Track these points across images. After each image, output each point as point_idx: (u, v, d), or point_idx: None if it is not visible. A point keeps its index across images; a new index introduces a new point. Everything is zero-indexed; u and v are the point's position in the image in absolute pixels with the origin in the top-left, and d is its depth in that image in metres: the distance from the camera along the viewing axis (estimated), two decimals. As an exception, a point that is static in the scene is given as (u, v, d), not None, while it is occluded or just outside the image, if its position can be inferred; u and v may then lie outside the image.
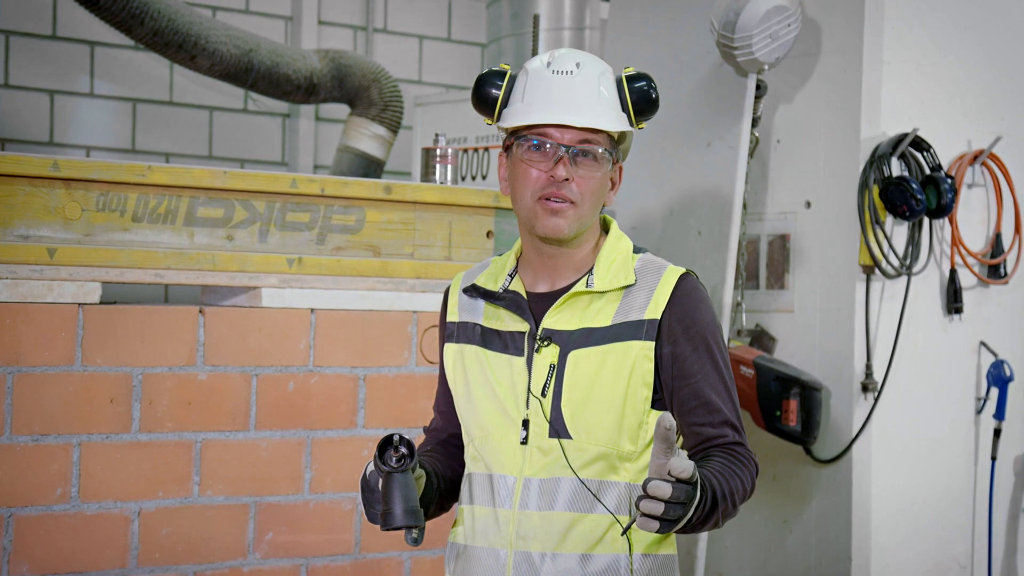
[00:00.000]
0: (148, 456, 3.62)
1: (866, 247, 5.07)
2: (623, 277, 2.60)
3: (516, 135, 2.60)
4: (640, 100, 2.62)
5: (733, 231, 4.71)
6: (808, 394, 4.96)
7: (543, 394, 2.57)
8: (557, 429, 2.56)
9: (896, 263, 5.13)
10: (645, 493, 2.31)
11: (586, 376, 2.56)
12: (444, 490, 2.72)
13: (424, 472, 2.63)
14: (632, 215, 5.14)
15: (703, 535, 4.61)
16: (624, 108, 2.61)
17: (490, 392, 2.62)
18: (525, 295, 2.64)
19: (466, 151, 6.32)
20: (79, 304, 3.54)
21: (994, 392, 5.37)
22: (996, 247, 5.44)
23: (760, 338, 5.30)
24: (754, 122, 4.80)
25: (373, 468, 2.54)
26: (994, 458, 5.37)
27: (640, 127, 2.65)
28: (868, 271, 5.09)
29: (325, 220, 3.91)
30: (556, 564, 2.55)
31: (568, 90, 2.57)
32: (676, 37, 5.11)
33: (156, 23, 5.92)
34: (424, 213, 4.05)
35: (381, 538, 3.90)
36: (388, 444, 2.48)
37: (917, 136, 5.13)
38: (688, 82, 5.01)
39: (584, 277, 2.61)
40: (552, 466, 2.56)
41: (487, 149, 6.23)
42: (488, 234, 4.13)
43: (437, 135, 4.45)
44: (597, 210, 2.61)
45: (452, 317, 2.73)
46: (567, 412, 2.56)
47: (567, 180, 2.55)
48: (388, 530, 2.49)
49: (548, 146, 2.56)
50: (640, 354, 2.55)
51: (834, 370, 5.13)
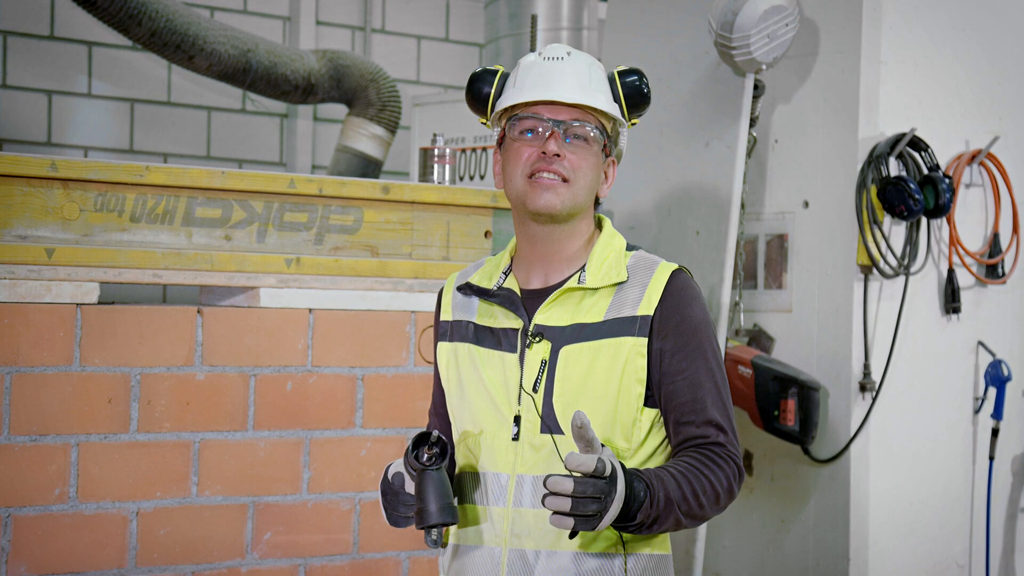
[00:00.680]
0: (146, 456, 3.62)
1: (864, 247, 5.07)
2: (615, 274, 2.60)
3: (508, 119, 2.61)
4: (632, 94, 2.63)
5: (731, 231, 4.72)
6: (806, 394, 4.96)
7: (534, 390, 2.57)
8: (549, 425, 2.56)
9: (894, 263, 5.13)
10: (546, 489, 2.32)
11: (578, 372, 2.56)
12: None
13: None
14: (630, 214, 5.14)
15: (701, 534, 4.61)
16: (616, 101, 2.62)
17: (482, 389, 2.62)
18: (519, 292, 2.64)
19: (464, 151, 6.33)
20: (77, 304, 3.54)
21: (992, 392, 5.37)
22: (994, 247, 5.44)
23: (758, 338, 5.30)
24: (752, 122, 4.80)
25: (397, 471, 2.54)
26: (992, 458, 5.37)
27: (632, 123, 2.66)
28: (866, 271, 5.10)
29: (323, 220, 3.91)
30: (550, 562, 2.55)
31: (560, 72, 2.60)
32: (674, 37, 5.11)
33: (154, 23, 5.92)
34: (422, 213, 4.05)
35: (379, 538, 3.90)
36: (421, 442, 2.48)
37: (915, 136, 5.13)
38: (686, 82, 5.01)
39: (576, 273, 2.61)
40: (544, 462, 2.55)
41: (485, 149, 6.23)
42: (486, 234, 4.13)
43: (435, 135, 4.45)
44: (590, 194, 2.61)
45: (446, 316, 2.74)
46: (559, 408, 2.56)
47: (558, 156, 2.56)
48: (423, 528, 2.48)
49: (540, 127, 2.58)
50: (633, 350, 2.55)
51: (832, 370, 5.13)
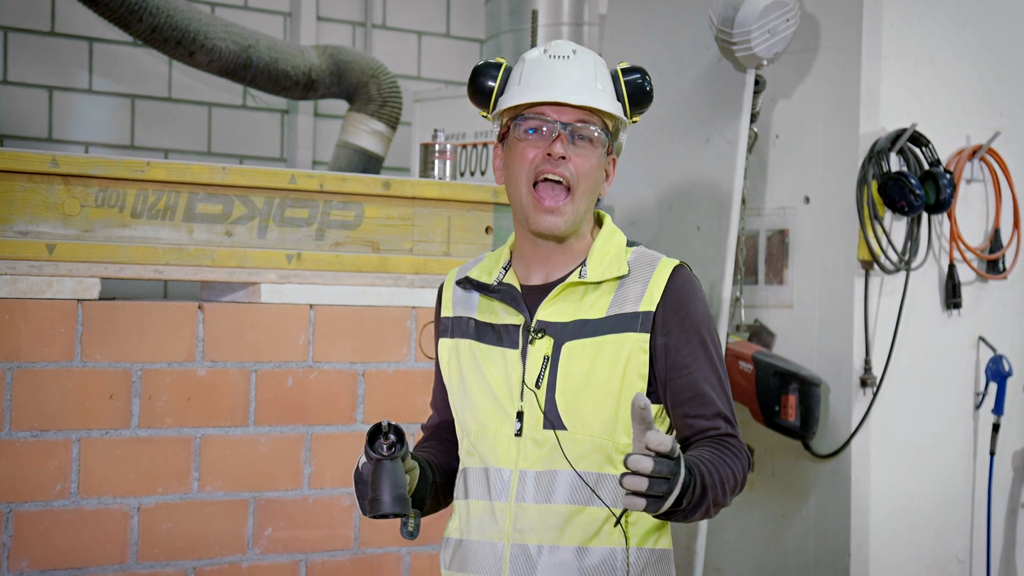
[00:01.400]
0: (147, 452, 3.62)
1: (865, 242, 5.07)
2: (616, 268, 2.60)
3: (512, 118, 2.60)
4: (635, 92, 2.62)
5: (732, 226, 4.71)
6: (807, 389, 4.96)
7: (537, 385, 2.57)
8: (552, 420, 2.56)
9: (895, 258, 5.13)
10: (627, 468, 2.30)
11: (580, 367, 2.56)
12: (440, 484, 2.72)
13: (417, 465, 2.63)
14: (631, 210, 5.14)
15: (702, 530, 4.62)
16: (619, 99, 2.62)
17: (484, 385, 2.62)
18: (519, 288, 2.64)
19: (465, 147, 6.32)
20: (78, 300, 3.54)
21: (993, 387, 5.37)
22: (995, 242, 5.44)
23: (759, 333, 5.30)
24: (753, 117, 4.80)
25: (365, 460, 2.55)
26: (993, 453, 5.37)
27: (633, 120, 2.65)
28: (867, 266, 5.10)
29: (324, 216, 3.91)
30: (553, 557, 2.55)
31: (566, 72, 2.58)
32: (675, 33, 5.11)
33: (155, 19, 5.92)
34: (423, 209, 4.05)
35: (380, 534, 3.90)
36: (378, 432, 2.48)
37: (916, 131, 5.13)
38: (687, 77, 5.01)
39: (577, 268, 2.61)
40: (547, 458, 2.56)
41: (486, 145, 6.23)
42: (487, 229, 4.13)
43: (436, 131, 4.45)
44: (592, 198, 2.61)
45: (447, 312, 2.73)
46: (561, 403, 2.56)
47: (564, 158, 2.55)
48: (375, 517, 2.49)
49: (545, 127, 2.57)
50: (635, 346, 2.56)
51: (833, 365, 5.13)
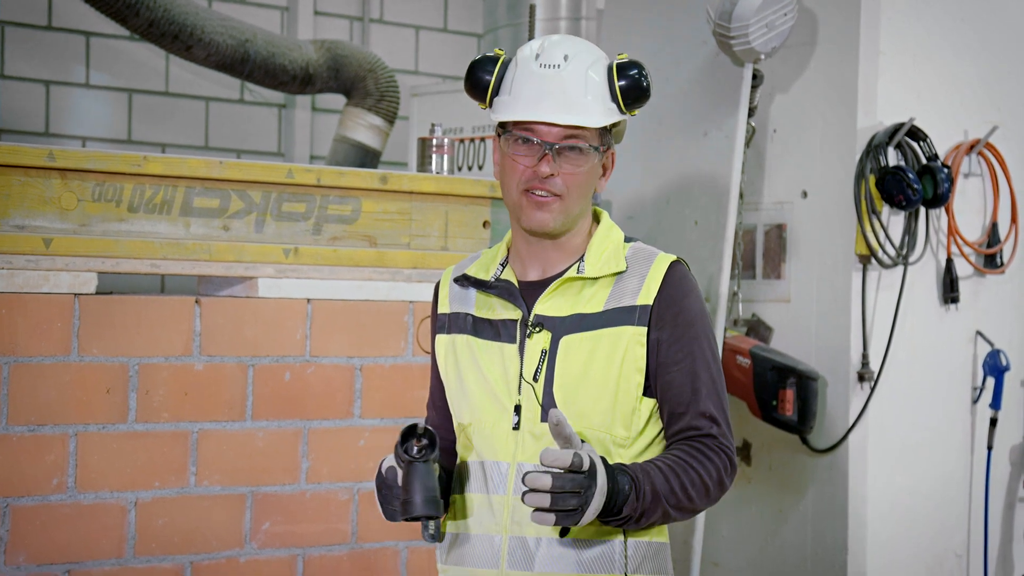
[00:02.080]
0: (144, 446, 3.61)
1: (862, 237, 5.07)
2: (614, 264, 2.60)
3: (504, 127, 2.61)
4: (630, 89, 2.61)
5: (730, 221, 4.71)
6: (804, 384, 4.96)
7: (535, 379, 2.57)
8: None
9: (892, 253, 5.13)
10: (524, 485, 2.34)
11: (578, 361, 2.56)
12: (449, 487, 2.72)
13: (440, 466, 2.63)
14: (628, 204, 5.14)
15: (699, 524, 4.61)
16: (614, 97, 2.61)
17: (482, 380, 2.62)
18: (516, 283, 2.64)
19: (462, 141, 6.32)
20: (75, 294, 3.53)
21: (990, 382, 5.38)
22: (992, 237, 5.45)
23: (756, 328, 5.30)
24: (750, 112, 4.80)
25: (390, 464, 2.54)
26: (990, 447, 5.37)
27: (632, 114, 2.64)
28: (864, 261, 5.10)
29: (321, 210, 3.90)
30: (551, 549, 2.55)
31: (554, 85, 2.56)
32: (672, 27, 5.11)
33: (151, 13, 5.91)
34: (420, 203, 4.04)
35: (378, 528, 3.90)
36: (410, 434, 2.47)
37: (913, 126, 5.13)
38: (684, 72, 5.00)
39: (575, 263, 2.62)
40: (546, 451, 2.56)
41: (483, 139, 6.22)
42: (484, 224, 4.13)
43: (433, 125, 4.45)
44: (585, 201, 2.61)
45: (443, 308, 2.74)
46: (559, 397, 2.56)
47: (551, 176, 2.55)
48: (408, 519, 2.48)
49: (534, 142, 2.56)
50: (632, 339, 2.56)
51: (830, 360, 5.14)
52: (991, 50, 5.47)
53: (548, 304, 2.60)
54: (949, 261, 5.30)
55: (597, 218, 2.70)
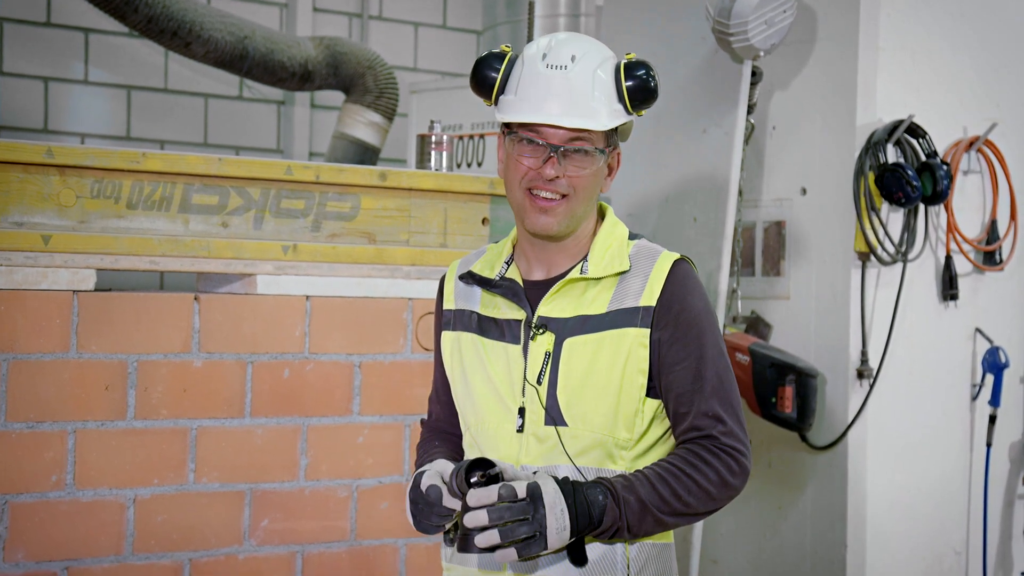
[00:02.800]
0: (143, 443, 3.61)
1: (862, 234, 5.07)
2: (618, 263, 2.59)
3: (508, 127, 2.59)
4: (637, 91, 2.59)
5: (729, 218, 4.71)
6: (803, 381, 4.96)
7: (539, 382, 2.56)
8: (553, 417, 2.55)
9: (892, 250, 5.13)
10: (466, 528, 2.37)
11: (581, 363, 2.55)
12: None
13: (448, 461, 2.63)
14: (628, 202, 5.14)
15: (697, 522, 4.61)
16: (621, 98, 2.59)
17: (486, 380, 2.62)
18: (521, 282, 2.63)
19: (461, 138, 6.32)
20: (74, 291, 3.53)
21: (989, 379, 5.38)
22: (991, 234, 5.44)
23: (756, 325, 5.30)
24: (750, 109, 4.79)
25: (432, 483, 2.50)
26: (989, 445, 5.37)
27: (639, 115, 2.63)
28: (864, 258, 5.10)
29: (320, 207, 3.90)
30: (554, 553, 2.54)
31: (561, 86, 2.53)
32: (671, 24, 5.10)
33: (150, 10, 5.91)
34: (419, 200, 4.04)
35: (377, 525, 3.90)
36: (476, 466, 2.44)
37: (913, 123, 5.13)
38: (683, 69, 5.00)
39: (579, 264, 2.60)
40: (548, 454, 2.55)
41: (482, 136, 6.22)
42: (484, 221, 4.12)
43: (432, 122, 4.44)
44: (590, 202, 2.59)
45: (448, 305, 2.73)
46: (563, 400, 2.55)
47: (557, 177, 2.54)
48: (464, 552, 2.45)
49: (539, 144, 2.54)
50: (635, 341, 2.55)
51: (829, 357, 5.14)
52: (990, 47, 5.47)
53: (551, 305, 2.59)
54: (948, 258, 5.30)
55: (602, 214, 2.69)
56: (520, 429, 2.58)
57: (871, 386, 5.09)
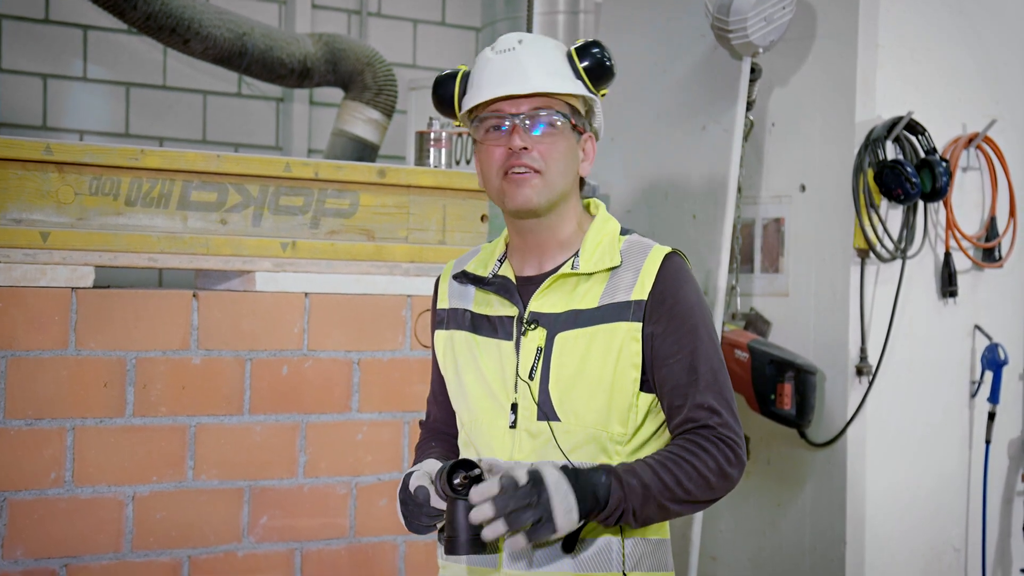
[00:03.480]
0: (142, 440, 3.61)
1: (861, 231, 5.07)
2: (609, 259, 2.59)
3: (473, 121, 2.60)
4: (593, 67, 2.59)
5: (728, 214, 4.71)
6: (803, 377, 4.96)
7: (531, 377, 2.56)
8: (546, 412, 2.55)
9: (891, 247, 5.13)
10: (473, 522, 2.36)
11: (573, 358, 2.55)
12: None
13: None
14: (627, 198, 5.14)
15: (698, 518, 4.61)
16: (578, 77, 2.59)
17: (479, 377, 2.62)
18: (514, 279, 2.64)
19: (460, 135, 6.30)
20: (72, 288, 3.53)
21: (988, 376, 5.38)
22: (991, 230, 5.44)
23: (755, 322, 5.30)
24: (749, 105, 4.80)
25: (421, 484, 2.50)
26: (988, 442, 5.37)
27: (602, 94, 2.63)
28: (863, 255, 5.10)
29: (319, 204, 3.90)
30: (549, 549, 2.54)
31: (513, 63, 2.56)
32: (671, 21, 5.10)
33: (149, 6, 5.90)
34: (418, 197, 4.04)
35: (376, 522, 3.90)
36: (459, 467, 2.44)
37: (912, 119, 5.12)
38: (683, 65, 5.00)
39: (570, 259, 2.61)
40: (542, 449, 2.55)
41: (481, 133, 6.21)
42: (483, 218, 4.12)
43: (431, 119, 4.44)
44: (568, 178, 2.59)
45: (443, 304, 2.74)
46: (555, 395, 2.55)
47: (525, 149, 2.54)
48: (451, 555, 2.45)
49: (503, 125, 2.55)
50: (627, 335, 2.54)
51: (829, 354, 5.14)
52: (990, 43, 5.47)
53: (543, 300, 2.59)
54: (947, 255, 5.30)
55: (594, 210, 2.69)
56: (513, 425, 2.58)
57: (870, 383, 5.09)
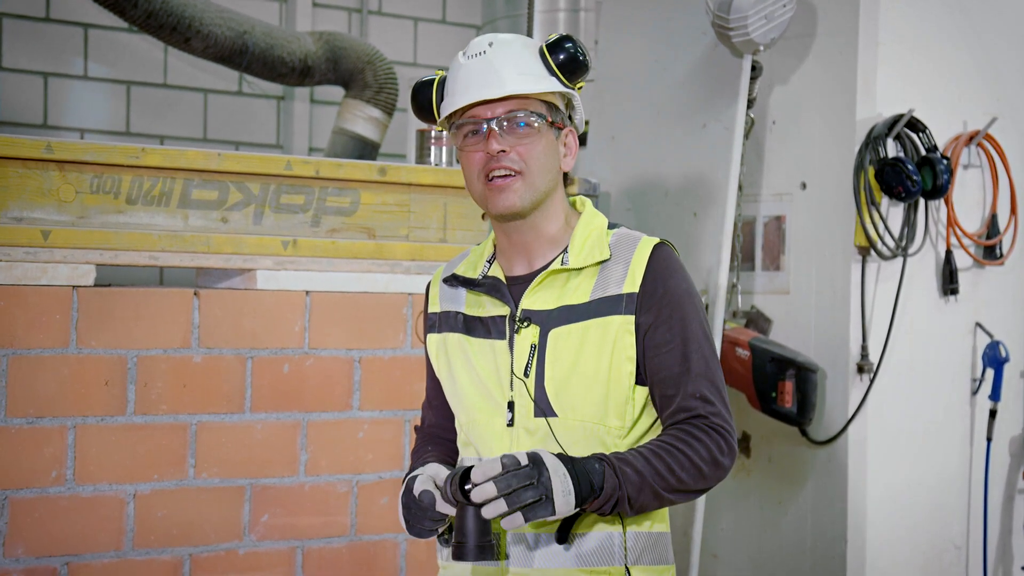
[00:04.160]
0: (143, 439, 3.61)
1: (862, 228, 5.07)
2: (598, 253, 2.60)
3: (452, 127, 2.61)
4: (565, 62, 2.60)
5: (729, 212, 4.71)
6: (804, 375, 4.96)
7: (526, 374, 2.57)
8: (542, 408, 2.56)
9: (892, 244, 5.13)
10: (474, 503, 2.37)
11: (567, 353, 2.55)
12: None
13: (443, 464, 2.63)
14: (627, 196, 5.14)
15: (699, 515, 4.61)
16: (552, 73, 2.59)
17: (475, 378, 2.63)
18: (504, 279, 2.64)
19: (461, 133, 6.30)
20: (73, 286, 3.53)
21: (990, 373, 5.37)
22: (992, 228, 5.44)
23: (756, 320, 5.30)
24: (749, 103, 4.79)
25: (425, 489, 2.51)
26: (989, 439, 5.37)
27: (579, 88, 2.63)
28: (864, 252, 5.09)
29: (320, 202, 3.90)
30: (550, 545, 2.55)
31: (483, 68, 2.56)
32: (671, 19, 5.10)
33: (149, 5, 5.90)
34: (419, 195, 4.04)
35: (377, 520, 3.90)
36: (469, 474, 2.43)
37: (913, 117, 5.12)
38: (683, 63, 5.00)
39: (559, 255, 2.61)
40: (540, 446, 2.55)
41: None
42: (483, 216, 4.12)
43: (432, 117, 4.43)
44: (549, 176, 2.60)
45: (434, 308, 2.74)
46: (551, 390, 2.56)
47: (504, 152, 2.55)
48: (459, 561, 2.46)
49: (480, 129, 2.56)
50: (621, 328, 2.55)
51: (830, 351, 5.13)
52: (990, 41, 5.47)
53: (534, 298, 2.60)
54: (948, 252, 5.30)
55: (581, 207, 2.69)
56: (510, 423, 2.59)
57: (871, 381, 5.09)
